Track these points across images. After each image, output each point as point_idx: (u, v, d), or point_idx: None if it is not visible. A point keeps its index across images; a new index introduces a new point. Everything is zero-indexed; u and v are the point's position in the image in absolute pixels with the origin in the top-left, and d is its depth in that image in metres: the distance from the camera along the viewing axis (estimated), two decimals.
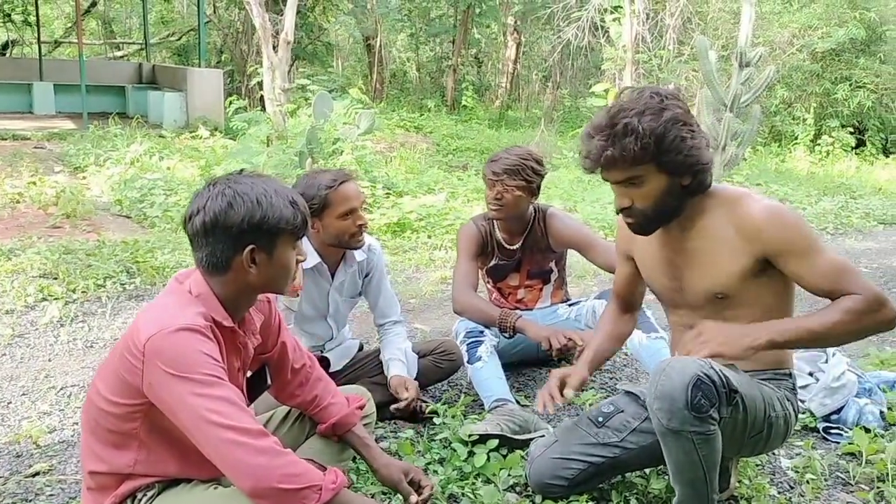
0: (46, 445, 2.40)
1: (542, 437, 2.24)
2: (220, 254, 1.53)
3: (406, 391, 2.40)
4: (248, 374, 1.83)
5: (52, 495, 2.10)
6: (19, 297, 3.72)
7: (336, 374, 2.55)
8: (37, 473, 2.21)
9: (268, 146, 7.77)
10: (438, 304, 4.09)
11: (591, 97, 10.65)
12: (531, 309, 3.00)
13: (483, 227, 2.91)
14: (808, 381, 2.73)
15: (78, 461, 2.24)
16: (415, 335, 3.54)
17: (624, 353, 3.24)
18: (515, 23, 16.86)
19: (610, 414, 1.99)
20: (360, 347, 2.78)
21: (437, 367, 2.67)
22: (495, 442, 2.29)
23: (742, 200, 1.81)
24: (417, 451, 2.33)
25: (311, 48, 16.14)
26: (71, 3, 16.10)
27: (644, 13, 12.00)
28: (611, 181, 1.81)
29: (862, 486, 2.24)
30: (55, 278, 4.04)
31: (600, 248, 2.86)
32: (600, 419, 1.99)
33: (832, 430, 2.58)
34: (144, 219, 5.92)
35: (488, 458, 2.23)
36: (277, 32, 9.19)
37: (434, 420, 2.48)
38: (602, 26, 12.73)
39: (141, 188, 6.58)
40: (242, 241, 1.52)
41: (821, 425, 2.61)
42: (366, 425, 1.98)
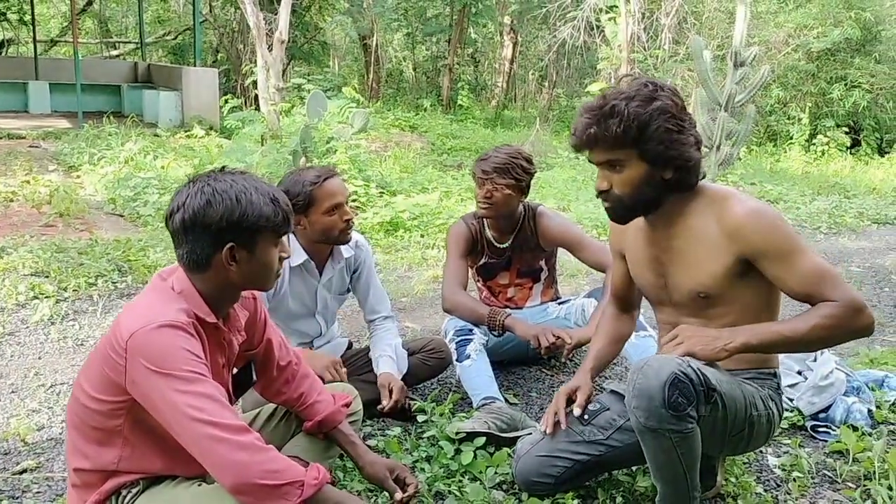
0: (34, 443, 2.40)
1: (530, 434, 2.24)
2: (200, 251, 1.53)
3: (390, 394, 2.39)
4: (235, 370, 1.84)
5: (39, 492, 2.10)
6: (10, 296, 3.72)
7: None
8: (24, 471, 2.21)
9: (262, 145, 7.77)
10: (430, 303, 4.09)
11: (587, 97, 10.68)
12: (521, 307, 3.00)
13: (473, 226, 2.91)
14: (796, 379, 2.74)
15: (66, 458, 2.24)
16: (405, 333, 3.54)
17: None
18: (512, 22, 16.87)
19: (596, 412, 1.99)
20: (350, 345, 2.78)
21: (426, 365, 2.67)
22: (482, 440, 2.29)
23: (728, 200, 1.80)
24: (405, 449, 2.33)
25: (307, 47, 16.15)
26: (67, 2, 16.06)
27: (639, 13, 12.03)
28: (594, 162, 1.85)
29: (849, 484, 2.25)
30: (47, 276, 4.04)
31: (590, 246, 2.87)
32: (586, 417, 1.99)
33: (820, 429, 2.58)
34: (137, 217, 5.91)
35: (475, 456, 2.23)
36: (272, 31, 9.19)
37: (420, 418, 2.48)
38: (598, 26, 12.75)
39: (134, 187, 6.57)
40: (221, 238, 1.52)
41: (809, 423, 2.61)
42: (352, 423, 1.98)
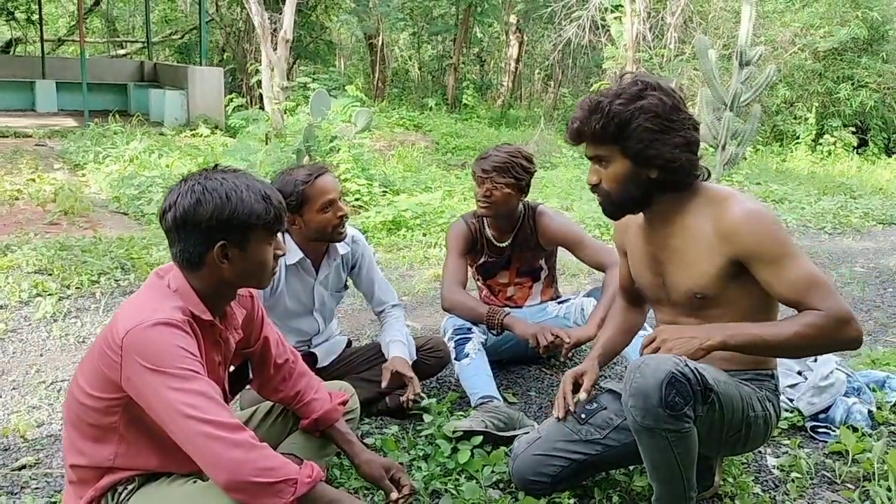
0: (34, 439, 2.41)
1: (527, 433, 2.24)
2: (192, 249, 1.53)
3: (395, 377, 2.39)
4: (231, 368, 1.84)
5: (37, 488, 2.11)
6: (13, 293, 3.74)
7: (323, 370, 2.55)
8: (23, 467, 2.22)
9: (266, 144, 7.78)
10: (431, 302, 4.09)
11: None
12: (521, 306, 3.00)
13: (472, 225, 2.91)
14: (796, 379, 2.73)
15: (63, 455, 2.25)
16: None
17: None
18: (518, 21, 16.85)
19: (593, 411, 1.99)
20: (349, 344, 2.78)
21: (425, 364, 2.66)
22: (479, 438, 2.29)
23: (726, 202, 1.79)
24: (402, 448, 2.33)
25: (312, 47, 16.18)
26: (74, 1, 16.11)
27: (645, 12, 11.99)
28: (586, 156, 1.90)
29: (847, 485, 2.24)
30: (50, 274, 4.06)
31: (590, 246, 2.86)
32: (583, 416, 1.99)
33: (820, 429, 2.57)
34: (141, 216, 5.94)
35: (472, 455, 2.23)
36: (277, 31, 9.21)
37: (424, 416, 2.47)
38: (603, 25, 12.72)
39: (139, 185, 6.60)
40: (212, 237, 1.52)
41: (808, 424, 2.60)
42: (349, 421, 1.99)
